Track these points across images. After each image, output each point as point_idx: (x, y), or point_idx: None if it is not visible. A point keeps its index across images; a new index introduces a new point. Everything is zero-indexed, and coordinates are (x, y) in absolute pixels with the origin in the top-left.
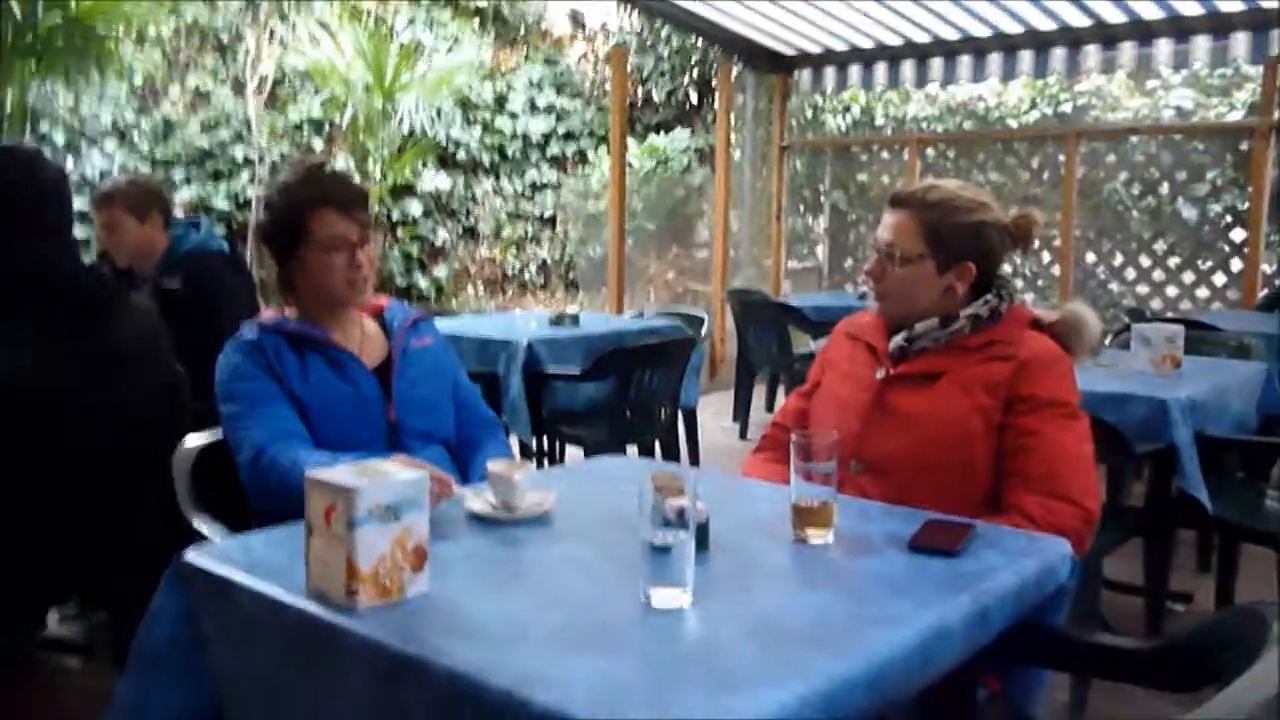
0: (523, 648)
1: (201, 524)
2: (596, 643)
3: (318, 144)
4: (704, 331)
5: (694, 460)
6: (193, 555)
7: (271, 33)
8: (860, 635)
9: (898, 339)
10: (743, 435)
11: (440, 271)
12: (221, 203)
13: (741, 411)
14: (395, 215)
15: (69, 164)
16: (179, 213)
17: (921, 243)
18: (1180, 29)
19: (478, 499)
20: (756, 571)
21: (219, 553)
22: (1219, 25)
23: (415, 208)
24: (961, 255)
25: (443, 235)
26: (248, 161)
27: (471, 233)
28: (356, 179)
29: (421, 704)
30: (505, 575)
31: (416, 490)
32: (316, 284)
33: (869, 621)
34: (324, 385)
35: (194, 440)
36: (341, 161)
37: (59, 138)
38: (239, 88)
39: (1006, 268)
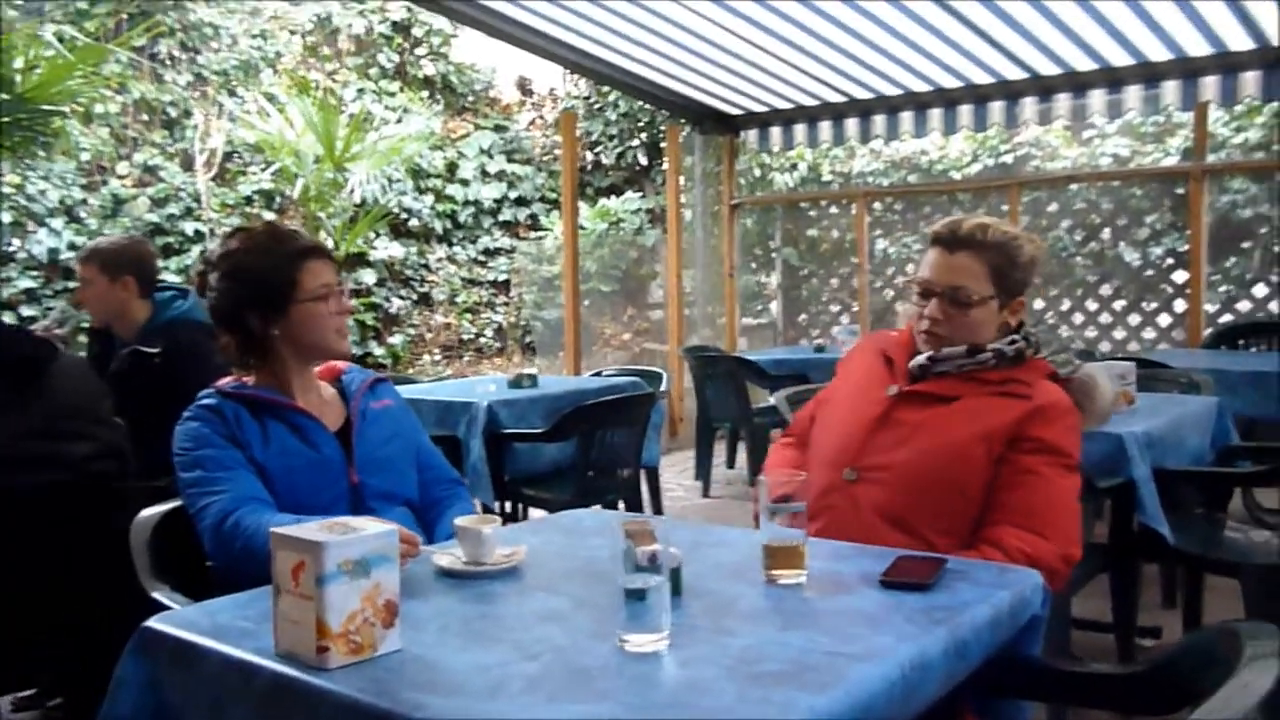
0: (501, 700)
1: (161, 596)
2: (576, 692)
3: (269, 215)
4: (663, 388)
5: None
6: (156, 622)
7: (220, 107)
8: (841, 672)
9: (920, 358)
10: (705, 493)
11: (396, 339)
12: (173, 277)
13: (703, 470)
14: (349, 285)
15: (15, 244)
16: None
17: (989, 284)
18: (1113, 79)
19: (446, 555)
20: (732, 613)
21: (183, 619)
22: (1150, 75)
23: (369, 276)
24: (1018, 291)
25: (397, 303)
26: (198, 235)
27: (426, 300)
28: None
29: None
30: (479, 629)
31: (386, 544)
32: (306, 337)
33: (849, 658)
34: (285, 450)
35: (151, 510)
36: None
37: (5, 216)
38: (188, 163)
39: None
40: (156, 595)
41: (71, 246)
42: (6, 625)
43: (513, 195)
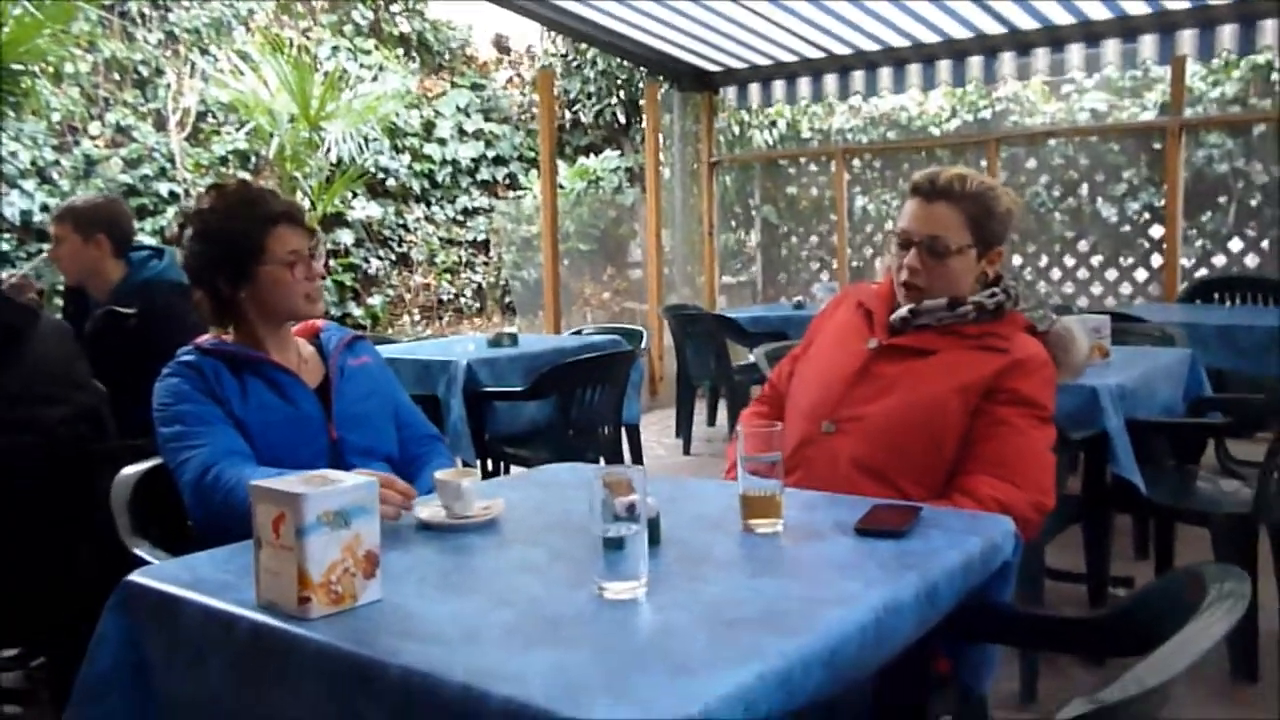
0: (478, 646)
1: (142, 551)
2: (551, 637)
3: (245, 176)
4: (643, 346)
5: None
6: (137, 577)
7: (192, 66)
8: (813, 615)
9: (901, 311)
10: (686, 451)
11: (374, 300)
12: (147, 239)
13: (684, 427)
14: (327, 245)
15: None
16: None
17: (967, 233)
18: (1090, 34)
19: (426, 508)
20: (708, 562)
21: (164, 573)
22: (1127, 29)
23: (347, 237)
24: (996, 241)
25: (376, 264)
26: (173, 196)
27: (405, 260)
28: None
29: (377, 707)
30: (457, 580)
31: (366, 496)
32: (274, 301)
33: (821, 602)
34: (264, 406)
35: (132, 469)
36: None
37: None
38: (161, 123)
39: None
40: (138, 551)
41: (44, 208)
42: None
43: (490, 155)
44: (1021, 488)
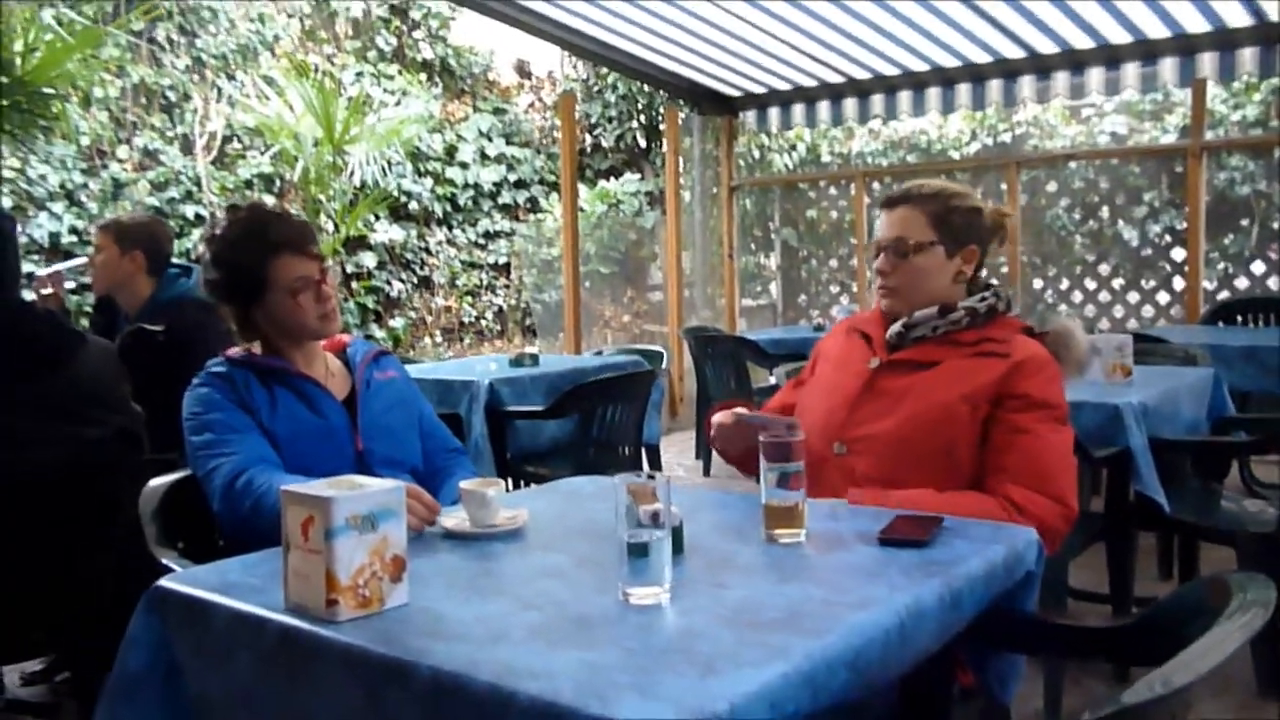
0: (505, 646)
1: (170, 561)
2: (577, 638)
3: (269, 199)
4: (663, 366)
5: None
6: (167, 581)
7: (219, 91)
8: (837, 618)
9: (896, 326)
10: (706, 472)
11: (396, 322)
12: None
13: (703, 448)
14: (349, 268)
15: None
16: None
17: (930, 230)
18: (1110, 57)
19: (451, 518)
20: (731, 569)
21: (193, 577)
22: (1147, 52)
23: (369, 260)
24: (966, 239)
25: (398, 286)
26: (199, 219)
27: (426, 283)
28: None
29: (406, 706)
30: (483, 584)
31: (393, 500)
32: (287, 324)
33: (845, 606)
34: (293, 417)
35: (161, 480)
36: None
37: (5, 201)
38: (188, 146)
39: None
40: (166, 561)
41: (72, 230)
42: (14, 598)
43: (512, 178)
44: (1049, 496)
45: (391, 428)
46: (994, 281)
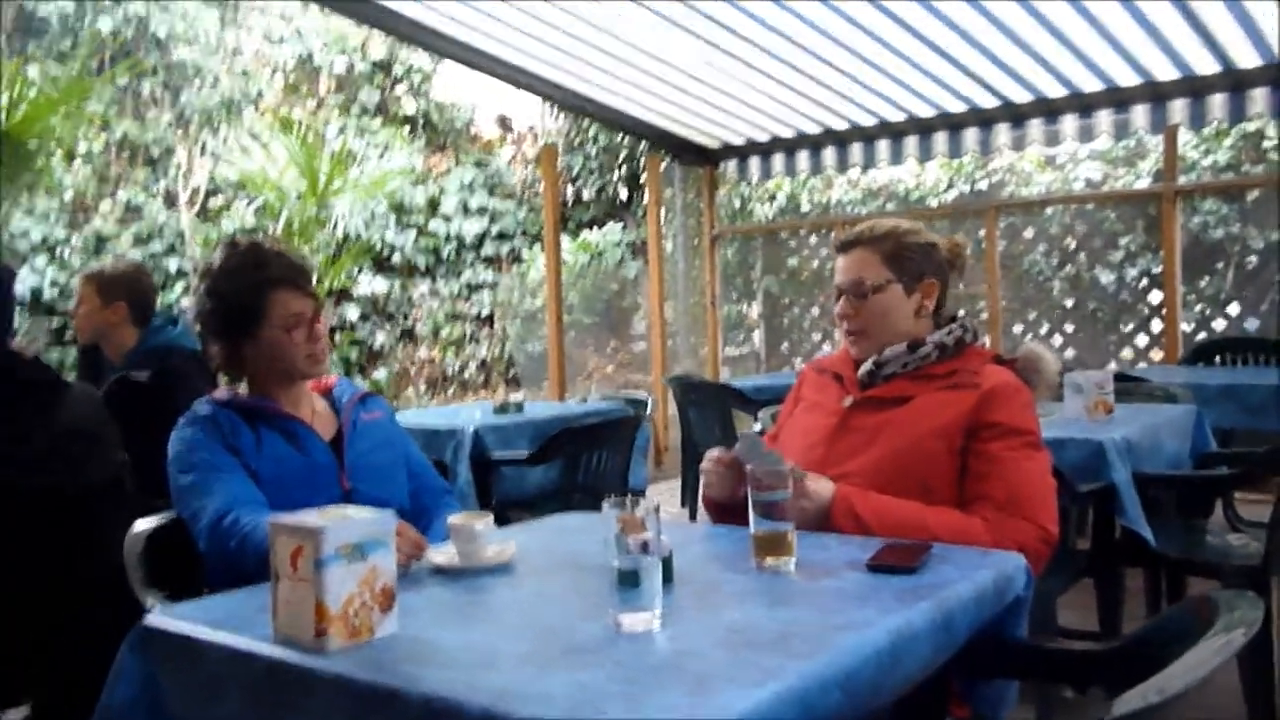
0: (497, 671)
1: (155, 603)
2: (569, 662)
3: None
4: (648, 411)
5: None
6: (153, 618)
7: (203, 145)
8: (828, 640)
9: (866, 365)
10: (692, 518)
11: (380, 374)
12: None
13: (689, 496)
14: (333, 320)
15: None
16: None
17: (885, 269)
18: (1084, 105)
19: (440, 553)
20: (721, 595)
21: (180, 613)
22: (1119, 99)
23: (353, 312)
24: (922, 273)
25: (381, 338)
26: (181, 273)
27: (410, 334)
28: None
29: None
30: (472, 614)
31: (382, 530)
32: (276, 361)
33: (836, 628)
34: (278, 457)
35: (146, 523)
36: None
37: None
38: (171, 200)
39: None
40: (150, 604)
41: (54, 284)
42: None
43: (494, 230)
44: (1030, 520)
45: (378, 468)
46: (960, 313)
